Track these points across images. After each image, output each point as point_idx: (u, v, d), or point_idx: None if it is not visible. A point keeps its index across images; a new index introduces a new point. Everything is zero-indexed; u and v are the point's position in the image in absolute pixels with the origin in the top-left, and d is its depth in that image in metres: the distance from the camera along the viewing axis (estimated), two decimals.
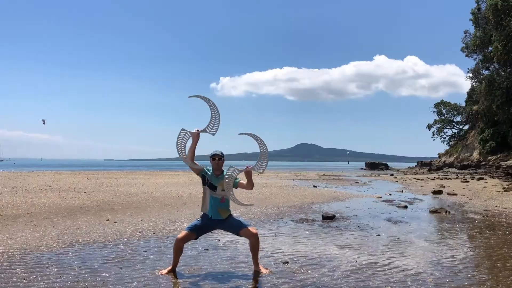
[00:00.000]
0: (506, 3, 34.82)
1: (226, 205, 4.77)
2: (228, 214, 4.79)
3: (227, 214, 4.78)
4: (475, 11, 42.32)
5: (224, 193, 4.70)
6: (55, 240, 6.33)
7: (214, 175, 4.76)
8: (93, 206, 10.76)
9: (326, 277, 4.55)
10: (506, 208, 11.26)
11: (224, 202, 4.75)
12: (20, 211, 9.42)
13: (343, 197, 14.46)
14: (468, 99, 59.00)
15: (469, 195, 15.35)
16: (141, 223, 8.09)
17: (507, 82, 36.94)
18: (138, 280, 4.38)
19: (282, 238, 6.86)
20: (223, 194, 4.71)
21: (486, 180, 25.46)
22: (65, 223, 7.96)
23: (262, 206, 11.26)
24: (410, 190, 18.77)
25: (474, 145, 52.19)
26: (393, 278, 4.54)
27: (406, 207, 11.58)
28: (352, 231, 7.54)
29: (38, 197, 12.45)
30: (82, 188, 16.28)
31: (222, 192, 4.70)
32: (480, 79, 46.01)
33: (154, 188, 16.99)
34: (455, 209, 11.10)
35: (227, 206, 4.79)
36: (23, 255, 5.37)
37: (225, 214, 4.75)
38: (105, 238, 6.58)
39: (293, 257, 5.49)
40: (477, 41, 41.69)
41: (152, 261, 5.21)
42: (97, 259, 5.23)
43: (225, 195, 4.72)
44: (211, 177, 4.75)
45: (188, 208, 10.67)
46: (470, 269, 5.02)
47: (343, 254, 5.72)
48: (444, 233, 7.57)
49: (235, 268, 4.94)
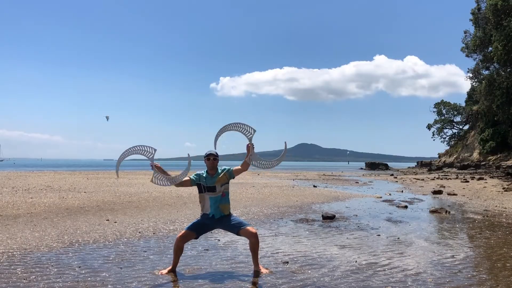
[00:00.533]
0: (506, 3, 34.80)
1: (226, 200, 4.77)
2: (229, 208, 4.80)
3: (228, 209, 4.78)
4: (475, 11, 42.30)
5: (224, 188, 4.72)
6: (55, 240, 6.33)
7: (209, 175, 4.75)
8: (93, 206, 10.76)
9: (326, 277, 4.55)
10: (506, 208, 11.26)
11: (225, 196, 4.75)
12: (20, 211, 9.42)
13: (343, 197, 14.46)
14: (468, 99, 59.02)
15: (469, 195, 15.35)
16: (141, 223, 8.09)
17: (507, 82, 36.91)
18: (138, 280, 4.38)
19: (282, 238, 6.86)
20: (222, 189, 4.72)
21: (486, 180, 25.46)
22: (65, 223, 7.96)
23: (262, 206, 11.26)
24: (410, 190, 18.77)
25: (474, 145, 52.19)
26: (393, 278, 4.54)
27: (406, 207, 11.58)
28: (352, 231, 7.53)
29: (38, 197, 12.46)
30: (82, 188, 16.28)
31: (221, 188, 4.71)
32: (480, 79, 45.99)
33: (154, 188, 16.98)
34: (455, 209, 11.10)
35: (228, 201, 4.79)
36: (23, 255, 5.37)
37: (227, 210, 4.76)
38: (105, 238, 6.58)
39: (293, 257, 5.49)
40: (477, 41, 41.67)
41: (152, 261, 5.21)
42: (97, 259, 5.23)
43: (225, 189, 4.73)
44: (206, 179, 4.73)
45: (188, 208, 10.67)
46: (470, 269, 5.02)
47: (343, 254, 5.71)
48: (444, 233, 7.57)
49: (235, 268, 4.94)
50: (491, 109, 41.33)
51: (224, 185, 4.76)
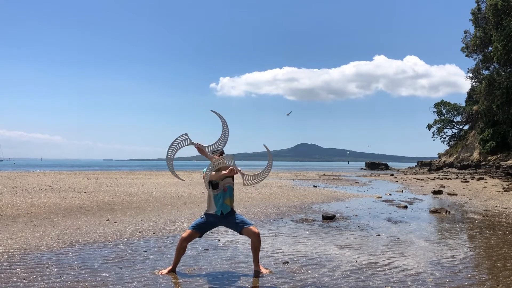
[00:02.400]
0: (506, 3, 34.81)
1: (229, 194, 4.76)
2: (233, 202, 4.79)
3: (232, 202, 4.78)
4: (475, 11, 42.32)
5: (225, 182, 4.71)
6: (55, 240, 6.33)
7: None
8: (93, 206, 10.76)
9: (326, 277, 4.55)
10: (506, 208, 11.26)
11: (227, 190, 4.74)
12: (20, 211, 9.42)
13: (343, 197, 14.46)
14: (468, 99, 59.04)
15: (469, 195, 15.35)
16: (141, 223, 8.09)
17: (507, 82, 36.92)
18: (138, 280, 4.38)
19: (282, 238, 6.86)
20: (223, 183, 4.70)
21: (486, 180, 25.46)
22: (65, 223, 7.96)
23: (262, 206, 11.26)
24: (410, 190, 18.77)
25: (474, 145, 52.20)
26: (393, 278, 4.54)
27: (406, 207, 11.58)
28: (352, 231, 7.54)
29: (38, 197, 12.46)
30: (82, 188, 16.28)
31: (222, 182, 4.70)
32: (480, 79, 46.01)
33: (154, 188, 16.99)
34: (455, 209, 11.10)
35: (230, 195, 4.77)
36: (23, 255, 5.38)
37: (231, 203, 4.76)
38: (105, 238, 6.58)
39: (293, 257, 5.49)
40: (477, 41, 41.69)
41: (152, 261, 5.21)
42: (97, 259, 5.23)
43: (226, 183, 4.72)
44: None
45: (188, 208, 10.67)
46: (470, 269, 5.02)
47: (343, 254, 5.72)
48: (444, 233, 7.57)
49: (235, 268, 4.94)
50: (491, 109, 41.34)
51: (224, 180, 4.72)
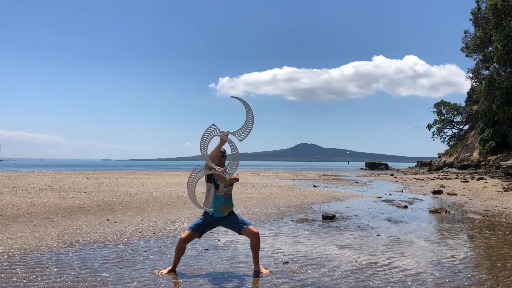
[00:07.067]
0: (506, 3, 34.81)
1: (229, 201, 4.76)
2: (230, 210, 4.78)
3: (229, 210, 4.76)
4: (475, 11, 42.31)
5: (227, 189, 4.72)
6: (55, 240, 6.33)
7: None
8: (93, 206, 10.76)
9: (326, 277, 4.55)
10: (506, 208, 11.26)
11: (227, 197, 4.74)
12: (20, 211, 9.42)
13: (343, 197, 14.46)
14: (468, 99, 59.01)
15: (469, 195, 15.35)
16: (141, 223, 8.09)
17: (507, 82, 36.93)
18: (138, 280, 4.38)
19: (282, 238, 6.86)
20: (225, 190, 4.72)
21: (486, 180, 25.45)
22: (65, 223, 7.96)
23: (262, 206, 11.26)
24: (410, 190, 18.77)
25: (474, 145, 52.19)
26: (393, 278, 4.54)
27: (406, 207, 11.58)
28: (352, 231, 7.54)
29: (38, 197, 12.46)
30: (82, 188, 16.28)
31: (224, 189, 4.71)
32: (480, 79, 46.02)
33: (154, 188, 16.99)
34: (455, 209, 11.10)
35: (230, 202, 4.78)
36: (23, 255, 5.37)
37: (227, 211, 4.74)
38: (105, 238, 6.58)
39: (293, 257, 5.49)
40: (477, 41, 41.70)
41: (152, 261, 5.21)
42: (97, 259, 5.23)
43: (228, 191, 4.74)
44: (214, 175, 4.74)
45: (189, 208, 10.67)
46: (470, 269, 5.02)
47: (343, 254, 5.72)
48: (444, 233, 7.57)
49: (235, 268, 4.94)
50: (491, 109, 41.35)
51: (228, 187, 4.76)
